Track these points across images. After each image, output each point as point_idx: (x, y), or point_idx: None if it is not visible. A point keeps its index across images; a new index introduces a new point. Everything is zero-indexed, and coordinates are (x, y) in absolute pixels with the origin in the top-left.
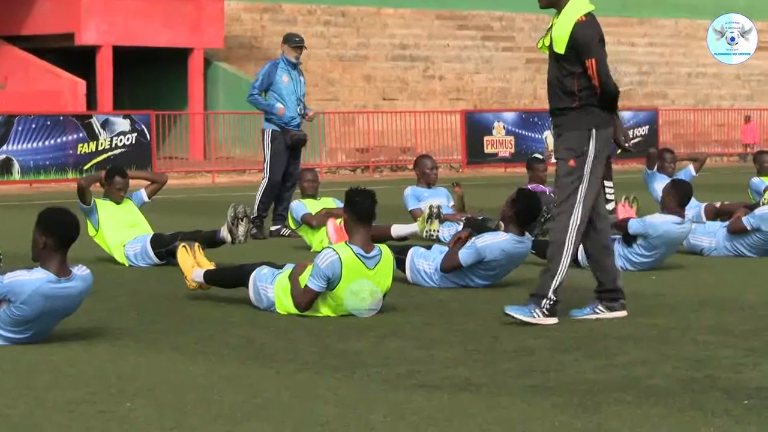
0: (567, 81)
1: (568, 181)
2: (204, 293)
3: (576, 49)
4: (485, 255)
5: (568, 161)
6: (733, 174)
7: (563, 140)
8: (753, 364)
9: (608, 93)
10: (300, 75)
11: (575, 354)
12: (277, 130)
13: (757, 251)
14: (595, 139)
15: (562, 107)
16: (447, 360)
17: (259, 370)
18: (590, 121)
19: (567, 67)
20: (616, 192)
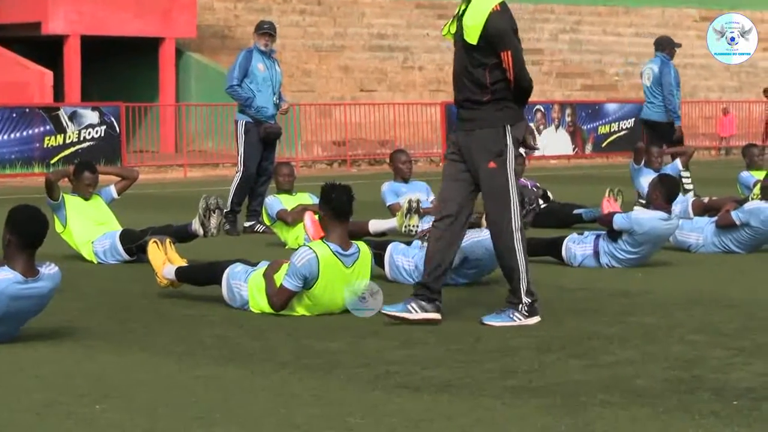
0: (478, 72)
1: (495, 184)
2: (176, 291)
3: (489, 39)
4: (467, 253)
5: (487, 164)
6: (722, 168)
7: (475, 138)
8: (742, 364)
9: (523, 87)
10: (275, 64)
11: (559, 354)
12: (251, 122)
13: (746, 247)
14: (510, 136)
15: (472, 100)
16: (427, 360)
17: (234, 371)
18: (504, 117)
19: (478, 57)
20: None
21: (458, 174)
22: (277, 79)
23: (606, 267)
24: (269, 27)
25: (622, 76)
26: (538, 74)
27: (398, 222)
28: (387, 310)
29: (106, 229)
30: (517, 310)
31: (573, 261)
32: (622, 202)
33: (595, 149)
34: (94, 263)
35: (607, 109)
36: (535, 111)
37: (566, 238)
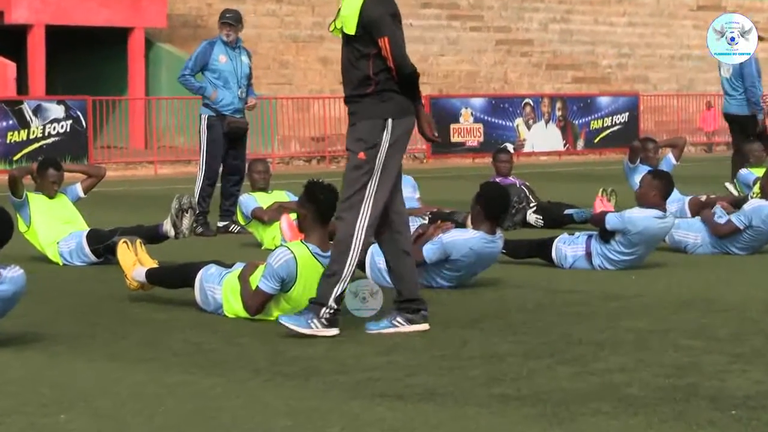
0: (361, 64)
1: (357, 176)
2: (146, 294)
3: (367, 27)
4: (451, 252)
5: (357, 154)
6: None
7: (354, 130)
8: (739, 370)
9: (405, 75)
10: (242, 55)
11: (548, 361)
12: (214, 116)
13: (746, 248)
14: (390, 131)
15: (356, 94)
16: (410, 367)
17: (206, 378)
18: (386, 109)
19: (360, 48)
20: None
21: None
22: (243, 72)
23: (598, 269)
24: (231, 17)
25: (615, 68)
26: (527, 66)
27: None
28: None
29: (72, 229)
30: (317, 315)
31: (563, 263)
32: (615, 202)
33: (587, 145)
34: (59, 265)
35: (599, 102)
36: (524, 105)
37: (556, 238)
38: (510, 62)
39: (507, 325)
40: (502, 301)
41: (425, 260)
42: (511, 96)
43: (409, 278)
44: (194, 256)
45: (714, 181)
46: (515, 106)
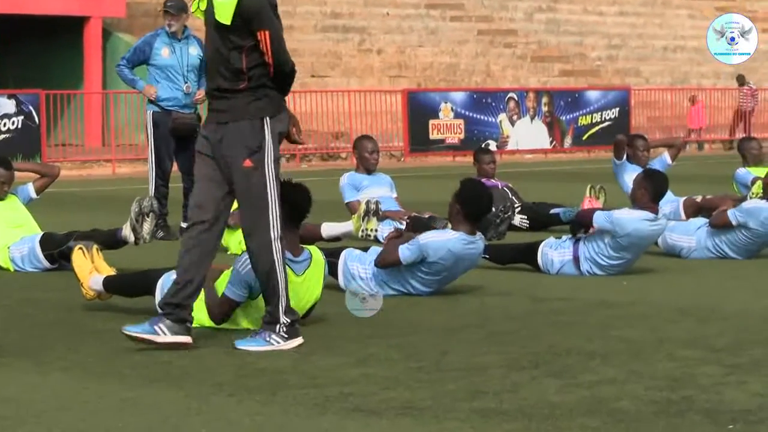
0: (233, 56)
1: (250, 185)
2: (103, 303)
3: (245, 18)
4: (428, 254)
5: (242, 162)
6: (717, 163)
7: (229, 133)
8: (737, 383)
9: (284, 72)
10: (190, 46)
11: (533, 372)
12: (159, 112)
13: (743, 252)
14: (269, 130)
15: (226, 89)
16: (385, 379)
17: (166, 393)
18: (262, 107)
19: (234, 39)
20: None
21: (213, 174)
22: (191, 64)
23: (587, 274)
24: (172, 5)
25: (605, 61)
26: (511, 58)
27: (354, 226)
28: (129, 331)
29: (23, 233)
30: (274, 331)
31: (550, 268)
32: (605, 200)
33: (575, 143)
34: (10, 271)
35: (588, 97)
36: (507, 99)
37: (542, 242)
38: (493, 54)
39: (489, 335)
40: (484, 308)
41: (401, 261)
42: (494, 90)
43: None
44: (155, 262)
45: (718, 181)
46: (498, 100)
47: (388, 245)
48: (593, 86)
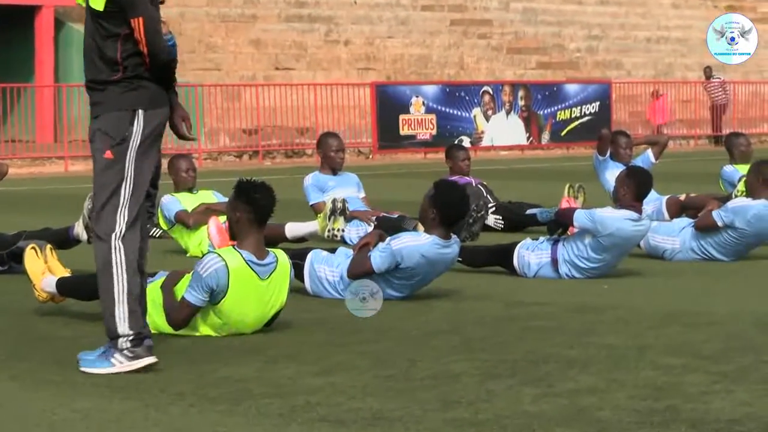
0: (108, 45)
1: (106, 180)
2: (56, 307)
3: (119, 4)
4: (402, 259)
5: (104, 152)
6: (702, 161)
7: (98, 123)
8: (724, 391)
9: (160, 61)
10: None
11: (509, 381)
12: None
13: (730, 253)
14: (141, 123)
15: (100, 80)
16: (353, 389)
17: (122, 403)
18: (135, 99)
19: (107, 27)
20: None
21: None
22: None
23: (565, 278)
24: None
25: (585, 52)
26: (485, 49)
27: (320, 225)
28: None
29: None
30: (117, 348)
31: (527, 271)
32: (584, 199)
33: (553, 139)
34: None
35: (567, 90)
36: (482, 93)
37: (518, 244)
38: (466, 45)
39: (463, 341)
40: (457, 314)
41: (374, 269)
42: (468, 83)
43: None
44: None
45: (703, 179)
46: (472, 94)
47: (359, 254)
48: (572, 79)
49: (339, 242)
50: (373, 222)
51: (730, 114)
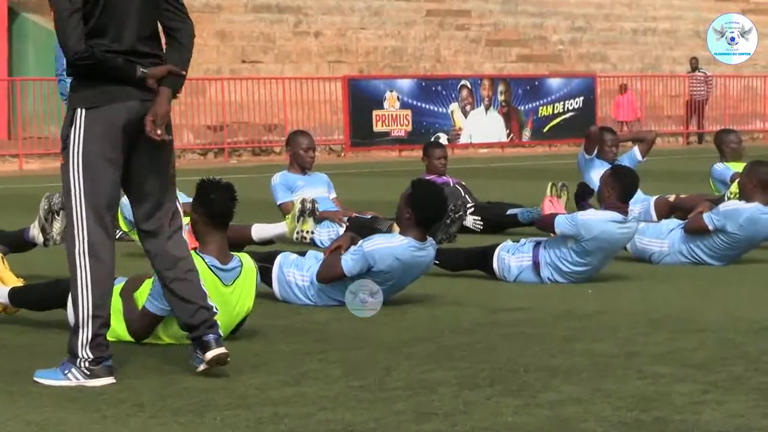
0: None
1: (63, 183)
2: (8, 317)
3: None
4: (374, 263)
5: (60, 158)
6: (692, 159)
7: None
8: (715, 402)
9: (67, 56)
10: None
11: (489, 391)
12: None
13: (721, 257)
14: (80, 124)
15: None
16: (323, 399)
17: (80, 415)
18: (77, 97)
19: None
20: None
21: None
22: None
23: (548, 282)
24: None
25: (568, 45)
26: (463, 42)
27: (288, 227)
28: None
29: None
30: (74, 365)
31: (507, 275)
32: (567, 198)
33: (534, 135)
34: None
35: (549, 85)
36: (460, 88)
37: (498, 246)
38: (443, 37)
39: (439, 349)
40: (433, 320)
41: (345, 273)
42: (445, 77)
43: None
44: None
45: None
46: (450, 89)
47: (329, 257)
48: (555, 73)
49: (309, 245)
50: (344, 223)
51: (710, 110)
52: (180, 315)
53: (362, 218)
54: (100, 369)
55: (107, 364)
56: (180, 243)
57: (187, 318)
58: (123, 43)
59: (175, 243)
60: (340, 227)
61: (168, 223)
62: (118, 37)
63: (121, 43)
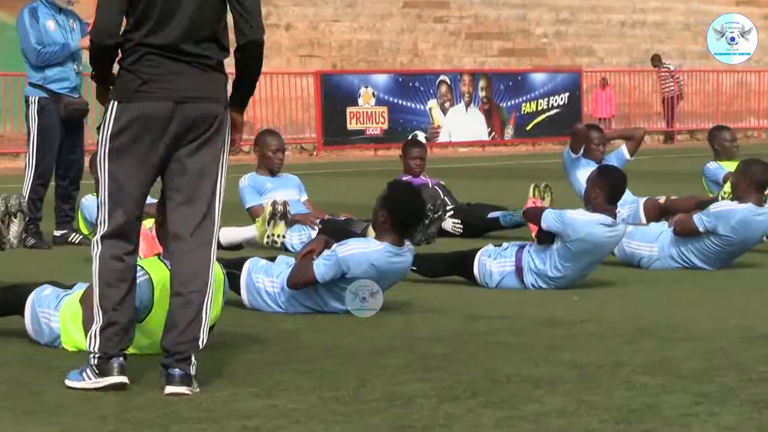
0: None
1: (95, 175)
2: None
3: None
4: (348, 269)
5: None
6: (683, 158)
7: None
8: (706, 414)
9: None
10: (74, 21)
11: (469, 403)
12: (46, 97)
13: (713, 261)
14: (111, 117)
15: None
16: (295, 412)
17: (39, 428)
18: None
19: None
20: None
21: None
22: (76, 41)
23: (531, 288)
24: None
25: (552, 38)
26: (442, 35)
27: (258, 231)
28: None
29: None
30: (88, 364)
31: (488, 281)
32: (551, 200)
33: (517, 134)
34: None
35: (532, 80)
36: (438, 83)
37: (479, 251)
38: (421, 30)
39: (417, 359)
40: (411, 328)
41: (317, 279)
42: (423, 72)
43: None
44: (25, 276)
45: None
46: (428, 84)
47: (302, 262)
48: (538, 68)
49: (279, 250)
50: (317, 226)
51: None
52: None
53: (336, 221)
54: (109, 366)
55: (119, 362)
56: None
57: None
58: (161, 37)
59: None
60: (312, 231)
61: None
62: (156, 29)
63: (158, 36)
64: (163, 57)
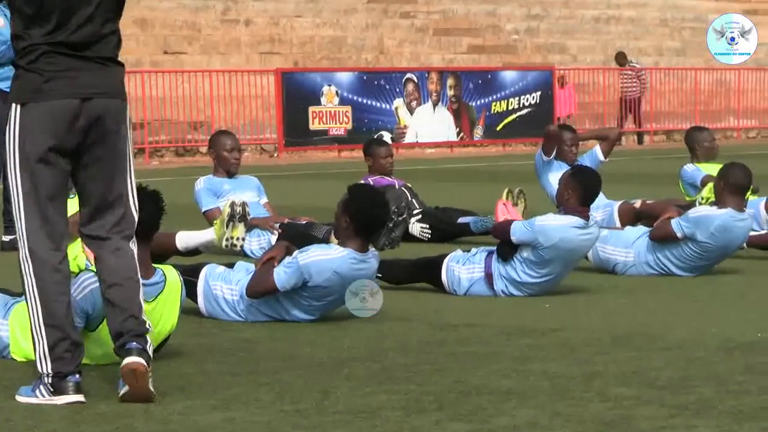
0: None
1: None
2: None
3: None
4: (310, 277)
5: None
6: (660, 160)
7: None
8: (683, 426)
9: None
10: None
11: (436, 415)
12: None
13: (690, 268)
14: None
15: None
16: (255, 426)
17: None
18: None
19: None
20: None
21: None
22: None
23: (501, 295)
24: None
25: (524, 34)
26: (408, 31)
27: (217, 233)
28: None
29: None
30: (41, 381)
31: (456, 288)
32: (525, 206)
33: (487, 134)
34: None
35: (503, 78)
36: (405, 82)
37: (447, 256)
38: (387, 25)
39: (382, 370)
40: (376, 338)
41: (277, 287)
42: (389, 70)
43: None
44: None
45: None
46: (394, 83)
47: (261, 269)
48: (509, 65)
49: (239, 255)
50: (277, 230)
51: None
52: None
53: (297, 224)
54: (65, 385)
55: (74, 380)
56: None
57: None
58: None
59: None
60: (272, 235)
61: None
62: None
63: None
64: (65, 55)
